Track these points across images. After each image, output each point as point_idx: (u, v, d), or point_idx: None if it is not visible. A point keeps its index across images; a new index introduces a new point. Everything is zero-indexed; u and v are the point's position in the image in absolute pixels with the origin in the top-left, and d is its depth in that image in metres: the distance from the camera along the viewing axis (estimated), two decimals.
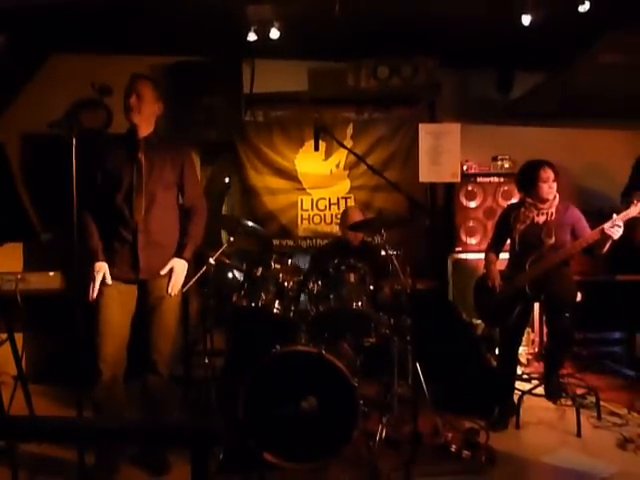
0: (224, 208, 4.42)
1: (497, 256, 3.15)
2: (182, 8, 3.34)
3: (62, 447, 2.49)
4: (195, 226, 2.59)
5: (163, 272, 2.48)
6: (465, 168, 4.17)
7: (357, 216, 3.56)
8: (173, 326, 2.56)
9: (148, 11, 3.37)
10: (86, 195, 2.39)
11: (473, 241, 4.19)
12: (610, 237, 2.69)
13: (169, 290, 2.49)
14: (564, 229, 2.90)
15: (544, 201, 2.93)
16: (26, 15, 3.26)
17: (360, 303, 2.84)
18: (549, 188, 2.89)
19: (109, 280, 2.41)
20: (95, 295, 2.39)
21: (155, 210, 2.45)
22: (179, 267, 2.51)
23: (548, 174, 2.89)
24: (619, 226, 2.68)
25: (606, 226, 2.69)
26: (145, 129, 2.48)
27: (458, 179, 4.08)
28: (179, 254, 2.53)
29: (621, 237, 2.71)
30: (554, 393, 3.12)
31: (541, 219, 2.95)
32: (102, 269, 2.40)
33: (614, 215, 2.71)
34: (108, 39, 3.84)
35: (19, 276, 2.76)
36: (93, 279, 2.39)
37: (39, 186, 3.80)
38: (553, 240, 2.87)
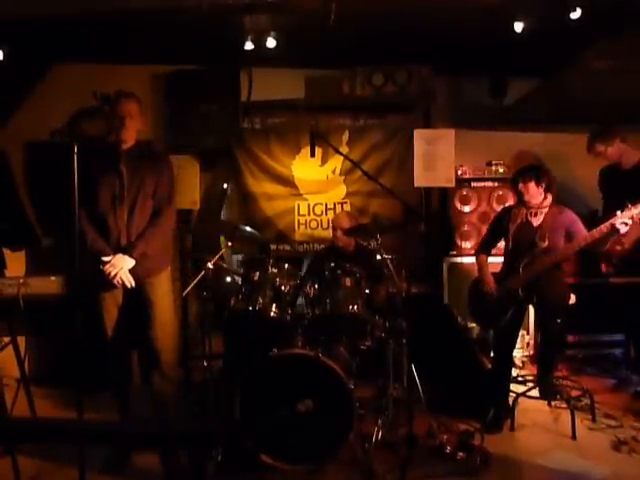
0: (222, 214, 4.48)
1: (487, 256, 3.19)
2: (181, 19, 3.40)
3: (64, 449, 2.50)
4: (152, 228, 2.54)
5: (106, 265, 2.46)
6: (459, 173, 4.20)
7: (345, 222, 3.57)
8: (170, 323, 2.61)
9: (148, 22, 3.43)
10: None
11: (468, 245, 4.22)
12: (618, 231, 2.70)
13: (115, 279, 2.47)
14: (558, 232, 2.93)
15: (528, 203, 2.98)
16: (28, 26, 3.32)
17: (356, 307, 2.88)
18: (528, 191, 2.94)
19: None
20: (134, 283, 2.48)
21: (136, 220, 2.51)
22: (117, 260, 2.45)
23: (529, 178, 2.94)
24: (627, 222, 2.69)
25: (618, 221, 2.70)
26: (129, 142, 2.56)
27: (452, 184, 4.11)
28: (125, 250, 2.48)
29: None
30: (549, 393, 3.15)
31: (535, 220, 2.98)
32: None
33: (617, 212, 2.73)
34: (109, 49, 3.90)
35: (21, 280, 2.79)
36: (112, 272, 2.43)
37: (41, 193, 3.85)
38: (546, 243, 2.91)
